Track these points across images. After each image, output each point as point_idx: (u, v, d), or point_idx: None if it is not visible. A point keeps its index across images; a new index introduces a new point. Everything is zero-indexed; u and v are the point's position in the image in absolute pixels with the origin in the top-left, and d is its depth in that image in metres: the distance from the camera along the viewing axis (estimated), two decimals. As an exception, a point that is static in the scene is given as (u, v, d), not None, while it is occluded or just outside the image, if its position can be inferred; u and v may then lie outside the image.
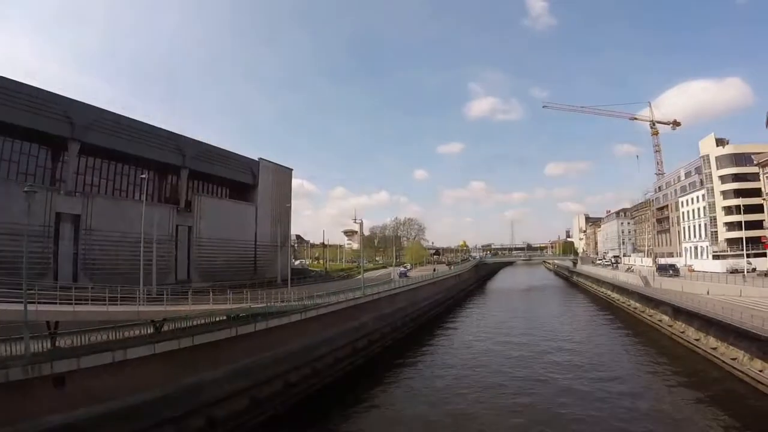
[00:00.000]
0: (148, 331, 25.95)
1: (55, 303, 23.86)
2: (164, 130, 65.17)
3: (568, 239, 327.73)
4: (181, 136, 68.00)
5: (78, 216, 52.61)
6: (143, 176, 53.09)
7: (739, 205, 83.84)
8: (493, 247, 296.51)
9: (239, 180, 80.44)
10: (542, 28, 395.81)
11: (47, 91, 51.59)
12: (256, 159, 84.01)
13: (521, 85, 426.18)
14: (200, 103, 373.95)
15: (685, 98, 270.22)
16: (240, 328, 30.31)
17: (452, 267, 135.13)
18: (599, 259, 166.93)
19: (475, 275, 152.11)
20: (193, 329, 27.45)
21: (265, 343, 33.07)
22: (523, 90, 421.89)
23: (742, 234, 79.32)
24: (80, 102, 54.74)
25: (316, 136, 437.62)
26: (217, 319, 30.70)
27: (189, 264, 66.02)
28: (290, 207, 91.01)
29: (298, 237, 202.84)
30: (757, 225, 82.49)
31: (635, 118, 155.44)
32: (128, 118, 59.91)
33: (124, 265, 52.27)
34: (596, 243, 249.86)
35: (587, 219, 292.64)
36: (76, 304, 23.69)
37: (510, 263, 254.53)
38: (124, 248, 53.69)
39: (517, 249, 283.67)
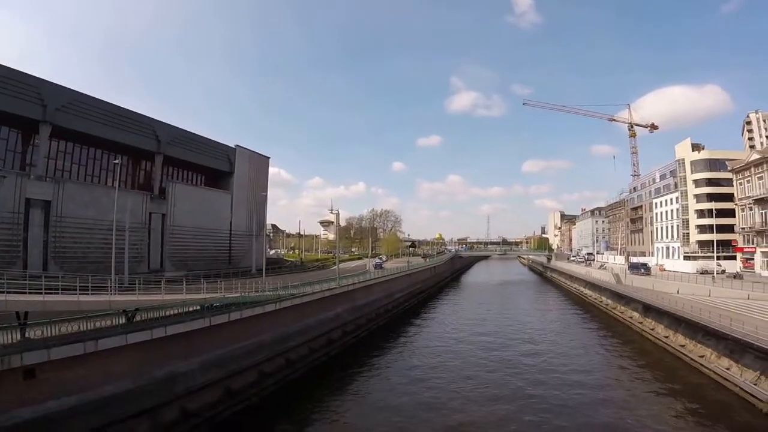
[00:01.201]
0: (120, 321, 25.53)
1: (25, 292, 23.39)
2: (139, 114, 63.46)
3: (544, 235, 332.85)
4: (157, 120, 66.46)
5: (48, 202, 50.73)
6: (116, 161, 52.13)
7: (712, 209, 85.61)
8: (468, 240, 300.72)
9: (215, 167, 79.26)
10: (526, 25, 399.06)
11: (17, 71, 49.40)
12: (233, 146, 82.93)
13: (503, 81, 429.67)
14: (178, 88, 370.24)
15: (664, 102, 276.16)
16: (214, 318, 30.06)
17: (428, 260, 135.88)
18: (573, 256, 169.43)
19: (451, 268, 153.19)
20: (166, 319, 27.19)
21: (240, 334, 32.92)
22: (505, 86, 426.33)
23: (713, 237, 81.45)
24: (52, 83, 52.55)
25: (295, 124, 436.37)
26: (191, 309, 30.44)
27: (162, 252, 64.84)
28: (266, 196, 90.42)
29: (274, 226, 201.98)
30: (728, 229, 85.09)
31: (614, 120, 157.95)
32: (102, 100, 58.15)
33: (96, 254, 51.29)
34: (571, 240, 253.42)
35: (563, 216, 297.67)
36: (46, 293, 23.23)
37: (485, 257, 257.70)
38: (95, 236, 52.48)
39: (492, 243, 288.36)
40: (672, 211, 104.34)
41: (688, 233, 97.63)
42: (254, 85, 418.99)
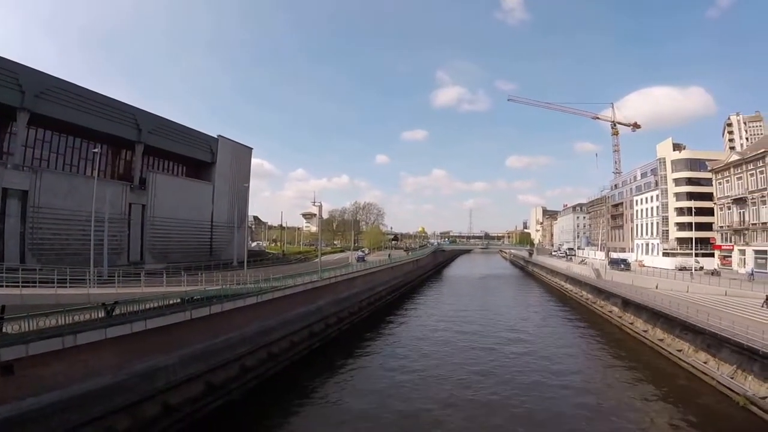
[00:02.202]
0: (99, 315, 25.00)
1: (2, 286, 23.08)
2: (120, 102, 62.07)
3: (525, 230, 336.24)
4: (138, 108, 65.03)
5: (26, 192, 49.29)
6: (95, 150, 51.03)
7: (691, 207, 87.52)
8: (451, 234, 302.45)
9: (197, 157, 78.18)
10: (514, 22, 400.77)
11: (-6, 55, 47.62)
12: (215, 136, 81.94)
13: (489, 76, 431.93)
14: (158, 76, 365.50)
15: (648, 102, 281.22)
16: (194, 312, 29.72)
17: (410, 253, 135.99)
18: (555, 251, 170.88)
19: (433, 261, 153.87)
20: (146, 313, 26.74)
21: (221, 327, 32.68)
22: (491, 82, 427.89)
23: (692, 234, 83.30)
24: (31, 68, 50.78)
25: (278, 115, 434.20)
26: (171, 302, 29.95)
27: (142, 244, 63.80)
28: (248, 187, 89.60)
29: (256, 218, 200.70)
30: (707, 227, 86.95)
31: (597, 118, 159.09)
32: (82, 87, 56.56)
33: (75, 246, 50.26)
34: (552, 235, 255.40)
35: (545, 211, 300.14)
36: (23, 286, 22.88)
37: (467, 251, 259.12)
38: (74, 227, 51.35)
39: (475, 237, 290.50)
40: (652, 208, 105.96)
41: (668, 230, 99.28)
42: (237, 75, 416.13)
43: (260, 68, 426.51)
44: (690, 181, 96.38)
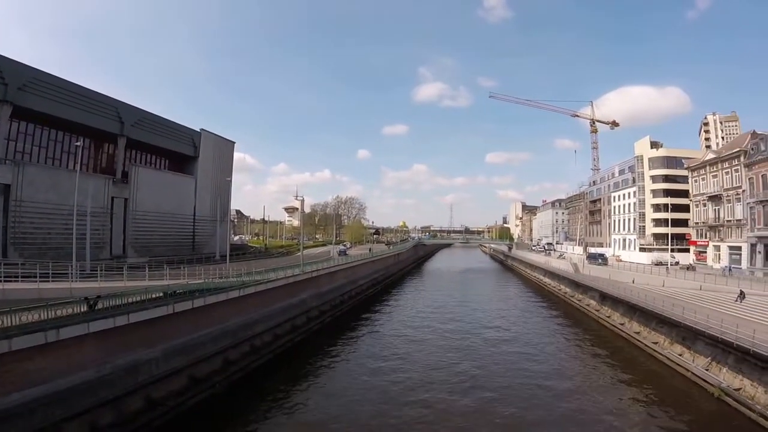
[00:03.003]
0: (82, 309, 24.87)
1: (-16, 281, 22.89)
2: (103, 95, 61.32)
3: (505, 225, 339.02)
4: (120, 102, 64.33)
5: (8, 186, 48.58)
6: (78, 144, 50.48)
7: (667, 204, 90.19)
8: (432, 228, 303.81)
9: (179, 151, 77.59)
10: (496, 20, 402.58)
11: (-25, 47, 47.41)
12: (198, 130, 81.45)
13: (470, 73, 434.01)
14: (135, 70, 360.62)
15: (626, 101, 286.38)
16: (177, 305, 29.63)
17: (391, 247, 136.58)
18: (534, 246, 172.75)
19: (414, 255, 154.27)
20: (128, 306, 26.56)
21: (203, 321, 32.67)
22: (472, 78, 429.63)
23: (668, 230, 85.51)
24: (13, 60, 49.92)
25: (260, 109, 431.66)
26: (154, 296, 29.95)
27: (125, 238, 63.37)
28: (231, 181, 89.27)
29: (238, 212, 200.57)
30: (683, 223, 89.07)
31: (577, 115, 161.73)
32: (65, 80, 55.83)
33: (57, 240, 49.79)
34: (531, 230, 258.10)
35: (524, 207, 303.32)
36: (5, 281, 22.82)
37: (448, 245, 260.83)
38: (56, 221, 50.70)
39: (455, 232, 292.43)
40: (629, 204, 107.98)
41: (645, 226, 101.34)
42: (218, 69, 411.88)
43: (241, 63, 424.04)
44: (667, 179, 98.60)
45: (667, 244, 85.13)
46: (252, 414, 26.97)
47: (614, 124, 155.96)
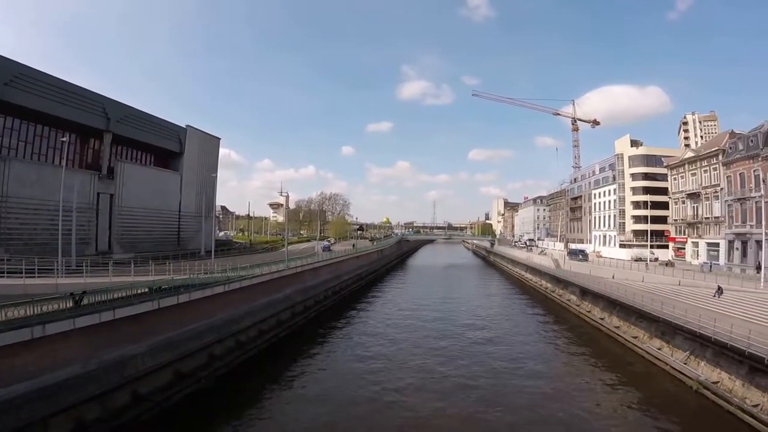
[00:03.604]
0: (68, 305, 24.70)
1: (-31, 276, 22.79)
2: (89, 90, 60.83)
3: (487, 221, 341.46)
4: (106, 97, 63.72)
5: None
6: (63, 139, 50.02)
7: (647, 201, 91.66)
8: (415, 225, 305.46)
9: (165, 147, 77.19)
10: (479, 19, 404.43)
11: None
12: (184, 126, 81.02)
13: (453, 71, 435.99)
14: (118, 66, 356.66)
15: (607, 100, 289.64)
16: (162, 301, 29.73)
17: (375, 243, 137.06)
18: (515, 242, 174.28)
19: (397, 251, 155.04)
20: (114, 302, 26.59)
21: (189, 316, 32.82)
22: (455, 77, 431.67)
23: (648, 227, 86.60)
24: (0, 55, 49.48)
25: (245, 106, 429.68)
26: (139, 291, 29.70)
27: (110, 234, 62.92)
28: (216, 177, 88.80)
29: (223, 208, 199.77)
30: (662, 220, 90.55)
31: (558, 114, 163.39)
32: (51, 75, 55.25)
33: (43, 235, 49.31)
34: (513, 226, 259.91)
35: (506, 203, 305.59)
36: (-9, 277, 22.81)
37: (431, 241, 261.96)
38: (42, 217, 50.37)
39: (438, 228, 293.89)
40: (610, 201, 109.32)
41: (624, 223, 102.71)
42: (202, 66, 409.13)
43: (224, 59, 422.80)
44: (646, 176, 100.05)
45: (647, 241, 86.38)
46: (237, 408, 27.12)
47: (595, 122, 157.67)
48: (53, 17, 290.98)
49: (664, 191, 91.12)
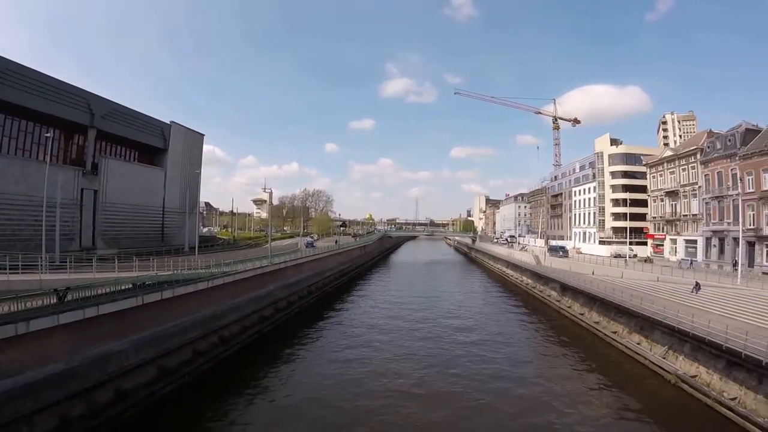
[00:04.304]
0: (52, 301, 24.79)
1: (-48, 273, 22.68)
2: (73, 86, 60.33)
3: (469, 218, 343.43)
4: (91, 93, 63.33)
5: None
6: (48, 135, 49.61)
7: (626, 199, 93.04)
8: (398, 221, 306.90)
9: (149, 143, 76.76)
10: (463, 18, 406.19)
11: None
12: (168, 122, 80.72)
13: (436, 69, 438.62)
14: (102, 61, 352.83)
15: (588, 99, 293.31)
16: (146, 297, 29.72)
17: (358, 239, 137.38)
18: (497, 239, 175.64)
19: (380, 247, 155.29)
20: (98, 298, 26.53)
21: (172, 312, 32.81)
22: (438, 75, 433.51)
23: (627, 224, 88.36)
24: None
25: (229, 102, 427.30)
26: (123, 287, 29.85)
27: (94, 230, 62.57)
28: (200, 173, 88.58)
29: (207, 204, 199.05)
30: (641, 217, 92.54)
31: (540, 113, 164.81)
32: (35, 70, 54.89)
33: (27, 231, 48.99)
34: (494, 223, 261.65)
35: (488, 200, 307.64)
36: (-25, 273, 22.71)
37: (413, 237, 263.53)
38: (26, 213, 49.95)
39: (420, 224, 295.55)
40: (590, 199, 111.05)
41: (604, 220, 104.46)
42: (187, 63, 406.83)
43: (209, 56, 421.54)
44: (626, 175, 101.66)
45: (626, 238, 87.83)
46: (221, 404, 27.26)
47: (576, 121, 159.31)
48: (38, 13, 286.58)
49: (643, 189, 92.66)
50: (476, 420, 26.20)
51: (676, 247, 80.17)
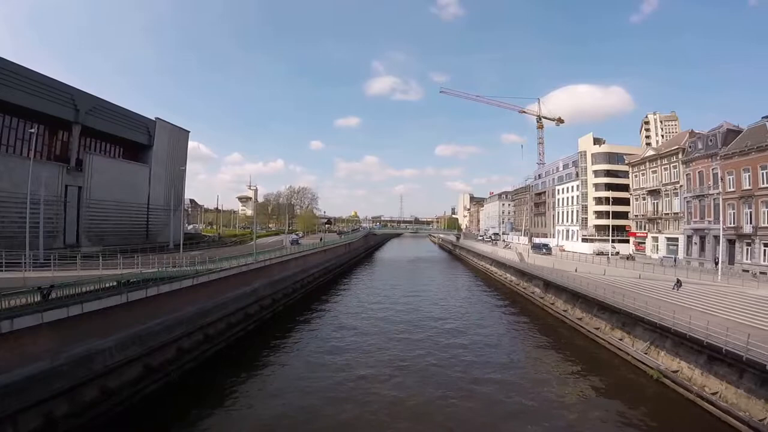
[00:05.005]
0: (36, 299, 24.22)
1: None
2: (58, 81, 59.47)
3: (453, 215, 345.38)
4: (76, 89, 62.42)
5: None
6: (32, 131, 48.95)
7: (609, 197, 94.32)
8: (383, 218, 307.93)
9: (134, 139, 75.97)
10: (449, 17, 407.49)
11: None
12: (153, 118, 79.84)
13: (422, 68, 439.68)
14: (85, 57, 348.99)
15: (572, 99, 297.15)
16: (131, 294, 29.47)
17: (343, 236, 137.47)
18: (480, 236, 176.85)
19: (365, 245, 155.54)
20: (82, 296, 26.26)
21: (157, 309, 32.68)
22: (423, 73, 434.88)
23: (609, 222, 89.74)
24: None
25: (214, 99, 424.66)
26: (108, 285, 29.46)
27: (78, 227, 61.85)
28: (185, 170, 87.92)
29: (192, 201, 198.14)
30: (623, 215, 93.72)
31: (524, 112, 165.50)
32: (19, 65, 53.93)
33: (11, 228, 48.20)
34: (479, 221, 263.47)
35: (472, 198, 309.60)
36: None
37: (398, 235, 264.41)
38: (9, 210, 49.22)
39: (405, 222, 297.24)
40: (573, 197, 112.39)
41: (587, 218, 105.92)
42: (172, 60, 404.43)
43: (195, 54, 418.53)
44: (608, 173, 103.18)
45: (608, 235, 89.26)
46: (205, 402, 27.31)
47: (560, 120, 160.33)
48: (21, 8, 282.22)
49: (625, 188, 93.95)
50: (457, 415, 26.58)
51: (657, 245, 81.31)
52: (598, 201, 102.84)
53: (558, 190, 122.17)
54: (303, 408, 27.14)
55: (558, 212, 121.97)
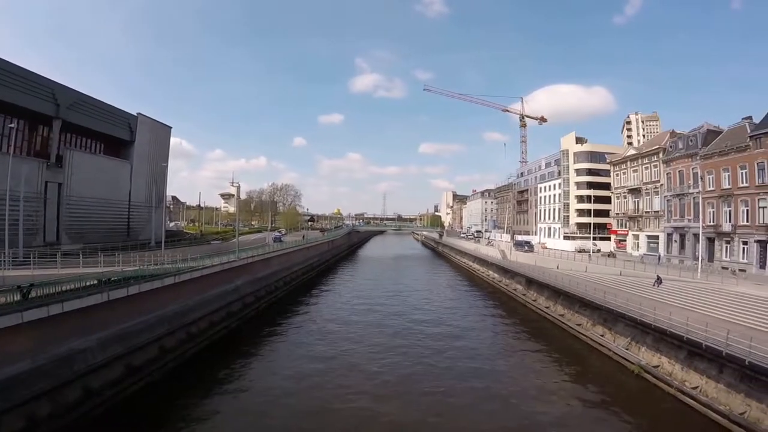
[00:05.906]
0: (15, 298, 23.77)
1: None
2: (38, 74, 57.70)
3: (437, 213, 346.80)
4: (56, 83, 60.85)
5: None
6: (12, 126, 47.95)
7: (590, 195, 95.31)
8: (366, 216, 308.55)
9: (115, 135, 74.49)
10: (433, 15, 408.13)
11: None
12: (135, 114, 78.56)
13: (406, 65, 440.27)
14: (62, 51, 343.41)
15: (554, 98, 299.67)
16: (112, 293, 29.15)
17: (326, 233, 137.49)
18: (463, 233, 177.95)
19: (348, 242, 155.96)
20: (62, 295, 25.87)
21: (139, 308, 32.41)
22: (407, 71, 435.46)
23: (591, 220, 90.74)
24: None
25: (196, 96, 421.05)
26: (88, 283, 28.95)
27: (58, 224, 60.44)
28: (167, 166, 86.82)
29: (174, 198, 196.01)
30: (604, 213, 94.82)
31: (507, 110, 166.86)
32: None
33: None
34: (462, 218, 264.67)
35: (455, 196, 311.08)
36: (-64, 270, 22.10)
37: (381, 232, 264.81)
38: None
39: (388, 219, 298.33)
40: (555, 195, 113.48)
41: (569, 216, 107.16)
42: (152, 56, 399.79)
43: (176, 50, 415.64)
44: (590, 172, 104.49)
45: (590, 233, 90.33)
46: (189, 400, 27.19)
47: (542, 119, 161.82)
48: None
49: (606, 186, 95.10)
50: (440, 412, 26.60)
51: (638, 243, 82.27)
52: (580, 199, 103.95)
53: (540, 188, 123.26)
54: (287, 406, 27.09)
55: (540, 210, 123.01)
